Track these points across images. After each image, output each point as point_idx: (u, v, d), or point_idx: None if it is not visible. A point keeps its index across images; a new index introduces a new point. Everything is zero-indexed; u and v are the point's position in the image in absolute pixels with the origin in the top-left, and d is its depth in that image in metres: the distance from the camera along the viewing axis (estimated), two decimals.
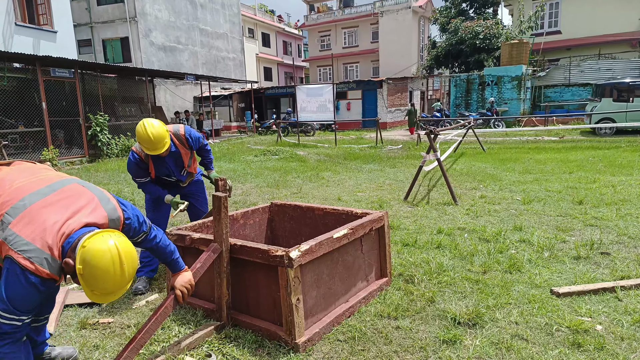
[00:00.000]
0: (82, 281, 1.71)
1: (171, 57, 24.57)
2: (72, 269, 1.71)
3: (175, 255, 2.36)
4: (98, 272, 1.68)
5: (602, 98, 14.67)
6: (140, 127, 3.19)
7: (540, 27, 24.48)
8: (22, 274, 1.67)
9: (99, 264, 1.67)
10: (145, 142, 3.20)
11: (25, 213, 1.75)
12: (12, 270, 1.68)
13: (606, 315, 2.72)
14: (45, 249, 1.70)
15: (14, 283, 1.68)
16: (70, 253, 1.72)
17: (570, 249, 3.94)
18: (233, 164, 11.08)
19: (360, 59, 39.26)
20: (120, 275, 1.72)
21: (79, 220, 1.80)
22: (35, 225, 1.73)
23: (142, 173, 3.47)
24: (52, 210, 1.78)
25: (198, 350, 2.50)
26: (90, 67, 14.74)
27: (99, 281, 1.70)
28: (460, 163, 9.86)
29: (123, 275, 1.73)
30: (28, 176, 1.94)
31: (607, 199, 5.70)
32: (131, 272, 1.77)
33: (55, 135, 13.27)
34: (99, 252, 1.68)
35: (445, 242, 4.24)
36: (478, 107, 21.79)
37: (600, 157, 9.63)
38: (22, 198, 1.79)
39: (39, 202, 1.79)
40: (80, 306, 3.17)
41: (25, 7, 16.08)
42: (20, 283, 1.68)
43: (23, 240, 1.69)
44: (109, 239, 1.73)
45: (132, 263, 1.76)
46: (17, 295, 1.69)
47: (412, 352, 2.42)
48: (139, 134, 3.20)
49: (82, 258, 1.68)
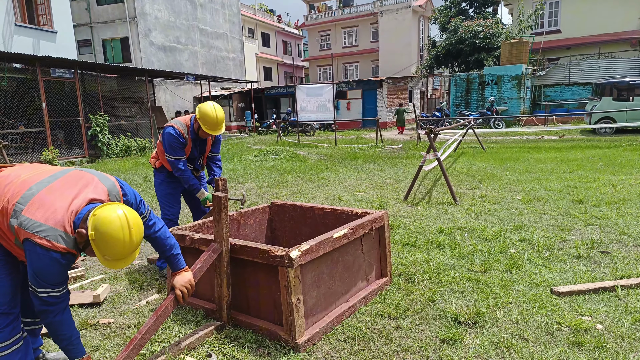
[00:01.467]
0: (94, 247, 1.88)
1: (171, 57, 24.57)
2: (84, 237, 1.88)
3: (175, 251, 2.38)
4: (108, 237, 1.85)
5: (602, 97, 14.66)
6: (208, 107, 3.44)
7: (540, 26, 24.47)
8: (42, 252, 1.84)
9: (109, 229, 1.84)
10: (209, 119, 3.43)
11: (35, 199, 1.91)
12: (33, 250, 1.84)
13: (606, 315, 2.72)
14: (58, 226, 1.86)
15: (37, 261, 1.85)
16: (81, 224, 1.90)
17: (570, 248, 3.94)
18: (233, 164, 11.08)
19: (360, 59, 39.24)
20: (129, 240, 1.89)
21: (84, 197, 1.98)
22: (45, 208, 1.89)
23: (180, 151, 3.57)
24: (58, 194, 1.96)
25: (198, 350, 2.50)
26: (90, 67, 14.73)
27: (110, 246, 1.87)
28: (460, 162, 9.86)
29: (132, 240, 1.90)
30: (32, 170, 2.09)
31: (607, 198, 5.70)
32: (139, 238, 1.95)
33: (56, 135, 13.27)
34: (108, 218, 1.86)
35: (446, 241, 4.24)
36: (478, 107, 21.78)
37: (600, 156, 9.62)
38: (29, 187, 1.95)
39: (45, 189, 1.96)
40: (81, 306, 3.17)
41: (25, 7, 16.08)
42: (42, 260, 1.85)
43: (37, 222, 1.85)
44: (118, 208, 1.92)
45: (138, 229, 1.95)
46: (44, 271, 1.86)
47: (413, 351, 2.42)
48: (207, 112, 3.42)
49: (93, 225, 1.85)
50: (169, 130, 3.55)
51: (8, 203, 1.91)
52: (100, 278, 3.75)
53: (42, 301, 1.91)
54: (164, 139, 3.56)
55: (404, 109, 20.85)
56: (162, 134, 3.60)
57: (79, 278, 3.74)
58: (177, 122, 3.62)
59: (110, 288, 3.47)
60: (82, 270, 3.83)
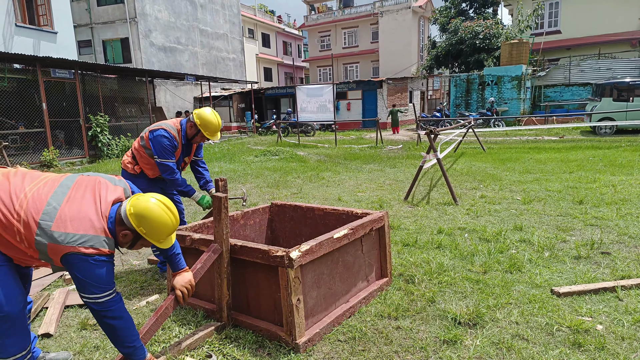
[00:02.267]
0: (147, 238, 2.04)
1: (171, 57, 24.58)
2: (130, 236, 2.02)
3: (176, 250, 2.39)
4: (155, 223, 2.02)
5: (602, 98, 14.67)
6: (209, 113, 3.46)
7: (540, 26, 24.49)
8: (92, 261, 1.90)
9: (153, 215, 2.01)
10: (212, 126, 3.45)
11: (60, 214, 1.91)
12: (83, 261, 1.89)
13: (607, 315, 2.71)
14: (99, 233, 1.94)
15: (89, 271, 1.90)
16: (119, 227, 2.01)
17: (570, 248, 3.94)
18: (233, 165, 11.08)
19: (360, 59, 39.27)
20: (174, 219, 2.10)
21: (106, 200, 2.05)
22: (78, 219, 1.92)
23: (172, 155, 3.49)
24: (80, 202, 1.98)
25: (198, 350, 2.50)
26: (91, 67, 14.75)
27: (160, 229, 2.04)
28: (460, 163, 9.87)
29: (175, 217, 2.11)
30: (31, 180, 2.03)
31: (608, 198, 5.70)
32: (177, 213, 2.14)
33: (56, 136, 13.28)
34: (147, 207, 2.01)
35: (446, 242, 4.24)
36: (478, 107, 21.79)
37: (601, 156, 9.62)
38: (47, 202, 1.93)
39: (64, 201, 1.96)
40: (81, 307, 3.17)
41: (26, 7, 16.09)
42: (95, 269, 1.91)
43: (76, 235, 1.89)
44: (148, 196, 2.07)
45: (173, 206, 2.12)
46: (98, 278, 1.92)
47: (413, 352, 2.42)
48: (209, 119, 3.43)
49: (137, 219, 1.99)
50: (162, 133, 3.41)
51: (28, 219, 1.87)
52: None
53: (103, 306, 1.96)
54: (156, 142, 3.40)
55: (398, 109, 20.88)
56: (153, 137, 3.42)
57: None
58: (168, 125, 3.48)
59: None
60: None
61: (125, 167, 3.64)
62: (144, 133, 3.57)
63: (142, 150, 3.54)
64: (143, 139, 3.54)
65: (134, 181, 3.55)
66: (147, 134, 3.51)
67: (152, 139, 3.43)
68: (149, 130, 3.53)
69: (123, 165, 3.67)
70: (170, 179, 3.51)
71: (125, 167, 3.64)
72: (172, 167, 3.48)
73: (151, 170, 3.58)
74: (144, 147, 3.53)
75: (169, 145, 3.42)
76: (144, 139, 3.53)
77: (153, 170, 3.58)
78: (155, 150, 3.43)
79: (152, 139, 3.43)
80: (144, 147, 3.53)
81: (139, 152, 3.57)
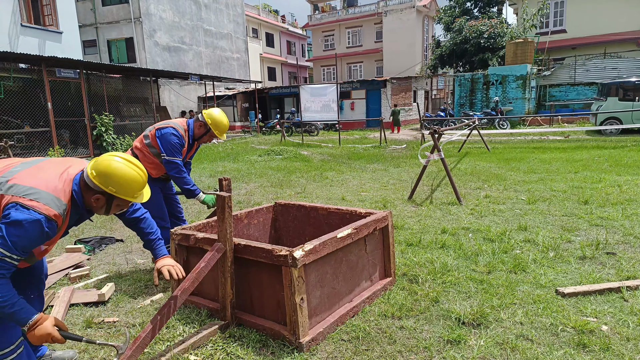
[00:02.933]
0: (119, 196, 1.98)
1: (175, 57, 24.65)
2: (102, 199, 1.99)
3: (155, 235, 2.40)
4: (122, 179, 1.96)
5: (607, 97, 14.58)
6: (219, 113, 3.56)
7: (545, 25, 24.37)
8: (27, 214, 1.76)
9: (118, 172, 1.96)
10: (222, 125, 3.56)
11: (22, 173, 1.91)
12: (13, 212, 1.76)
13: (612, 316, 2.70)
14: (50, 191, 1.86)
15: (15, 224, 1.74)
16: (88, 193, 1.98)
17: (575, 249, 3.92)
18: (237, 164, 11.10)
19: (364, 59, 39.21)
20: (140, 170, 2.06)
21: (75, 169, 2.04)
22: (35, 177, 1.89)
23: (180, 153, 3.52)
24: (48, 169, 1.98)
25: (202, 349, 2.50)
26: (96, 67, 14.82)
27: (129, 184, 1.99)
28: (464, 163, 9.84)
29: (141, 168, 2.07)
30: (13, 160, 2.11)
31: (613, 198, 5.67)
32: (141, 165, 2.09)
33: (61, 135, 13.36)
34: (110, 165, 1.96)
35: (450, 241, 4.22)
36: (482, 107, 21.71)
37: (606, 156, 9.56)
38: (14, 166, 1.97)
39: (28, 169, 1.96)
40: (86, 305, 3.18)
41: (31, 7, 16.18)
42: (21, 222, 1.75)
43: (26, 187, 1.83)
44: (106, 156, 2.02)
45: (135, 160, 2.08)
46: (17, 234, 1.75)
47: (416, 352, 2.41)
48: (220, 119, 3.54)
49: (102, 179, 1.94)
50: (172, 131, 3.43)
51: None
52: (105, 277, 3.77)
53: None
54: (165, 140, 3.41)
55: (399, 109, 20.85)
56: (161, 135, 3.43)
57: (84, 277, 3.76)
58: (176, 124, 3.52)
59: (115, 287, 3.48)
60: (87, 269, 3.85)
61: None
62: (148, 132, 3.56)
63: (146, 149, 3.53)
64: (148, 137, 3.53)
65: None
66: (154, 132, 3.50)
67: (160, 137, 3.44)
68: (155, 128, 3.53)
69: None
70: (178, 176, 3.51)
71: None
72: (180, 165, 3.50)
73: (154, 170, 3.57)
74: (148, 145, 3.52)
75: (177, 143, 3.45)
76: (149, 137, 3.52)
77: (157, 169, 3.58)
78: (163, 148, 3.43)
79: (160, 137, 3.44)
80: (148, 146, 3.52)
81: (141, 151, 3.55)
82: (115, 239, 4.84)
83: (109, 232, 5.19)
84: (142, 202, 2.22)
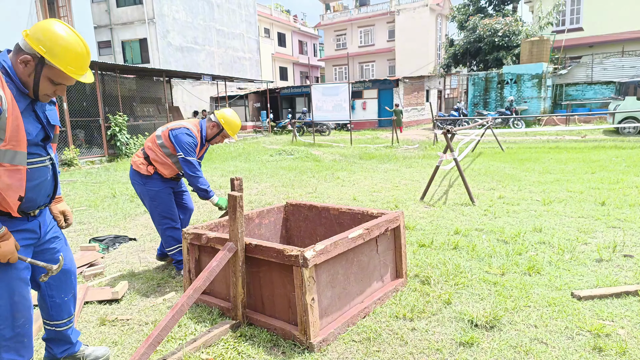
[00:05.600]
0: (51, 60, 1.76)
1: (188, 57, 24.87)
2: (32, 63, 1.77)
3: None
4: (58, 39, 1.76)
5: (625, 96, 14.29)
6: (232, 114, 3.65)
7: (561, 23, 23.97)
8: None
9: (54, 30, 1.76)
10: (235, 125, 3.64)
11: None
12: None
13: (629, 319, 2.64)
14: None
15: None
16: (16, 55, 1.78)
17: (592, 251, 3.84)
18: (249, 164, 11.15)
19: (377, 58, 39.06)
20: (81, 41, 1.83)
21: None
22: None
23: (195, 153, 3.58)
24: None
25: (214, 348, 2.52)
26: (110, 68, 15.01)
27: (66, 46, 1.77)
28: (478, 163, 9.73)
29: (84, 41, 1.85)
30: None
31: (631, 200, 5.54)
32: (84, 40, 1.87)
33: (76, 135, 13.58)
34: (47, 23, 1.77)
35: (463, 243, 4.18)
36: (497, 106, 21.45)
37: (624, 157, 9.37)
38: None
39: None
40: (100, 303, 3.23)
41: (47, 9, 16.49)
42: None
43: None
44: (54, 21, 1.82)
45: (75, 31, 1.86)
46: None
47: (428, 354, 2.39)
48: (233, 119, 3.63)
49: (35, 38, 1.74)
50: (186, 132, 3.48)
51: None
52: (119, 275, 3.81)
53: None
54: (179, 140, 3.45)
55: (401, 109, 20.73)
56: (175, 135, 3.47)
57: (98, 275, 3.82)
58: (190, 125, 3.57)
59: (128, 285, 3.53)
60: (101, 267, 3.90)
61: (137, 169, 3.59)
62: (160, 132, 3.60)
63: (158, 149, 3.56)
64: (160, 137, 3.56)
65: (147, 183, 3.58)
66: (167, 132, 3.54)
67: (175, 137, 3.48)
68: (168, 129, 3.56)
69: (135, 167, 3.62)
70: (194, 176, 3.51)
71: (137, 169, 3.59)
72: (196, 165, 3.54)
73: (167, 170, 3.60)
74: (161, 146, 3.54)
75: (192, 143, 3.51)
76: (162, 138, 3.55)
77: (169, 169, 3.60)
78: (179, 148, 3.47)
79: (175, 137, 3.48)
80: (161, 146, 3.55)
81: (154, 151, 3.57)
82: (128, 238, 4.90)
83: (123, 231, 5.26)
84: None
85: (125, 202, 6.84)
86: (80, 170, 11.38)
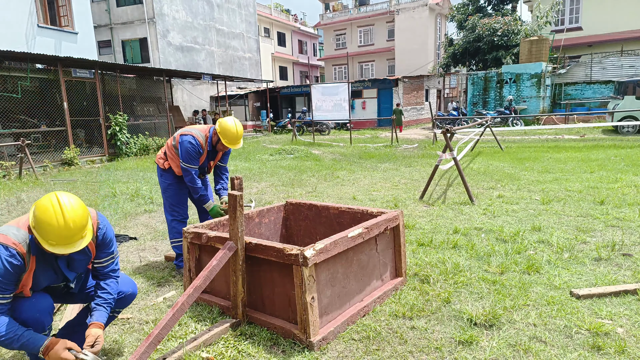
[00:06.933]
0: (36, 235, 1.93)
1: (188, 57, 24.85)
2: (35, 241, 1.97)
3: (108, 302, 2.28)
4: (43, 223, 1.90)
5: (624, 95, 14.30)
6: (229, 122, 3.57)
7: (560, 23, 23.98)
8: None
9: (43, 215, 1.90)
10: (230, 134, 3.57)
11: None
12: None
13: (627, 318, 2.65)
14: (12, 223, 2.04)
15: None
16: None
17: (590, 250, 3.85)
18: (248, 163, 11.16)
19: (376, 58, 39.06)
20: (63, 224, 1.90)
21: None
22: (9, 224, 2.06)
23: (196, 161, 3.67)
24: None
25: (214, 346, 2.53)
26: (110, 67, 15.01)
27: (47, 231, 1.90)
28: (477, 162, 9.74)
29: (67, 223, 1.91)
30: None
31: (630, 199, 5.56)
32: (76, 222, 1.94)
33: (77, 134, 13.59)
34: (42, 205, 1.92)
35: (462, 242, 4.19)
36: (496, 105, 21.47)
37: (623, 156, 9.38)
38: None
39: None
40: None
41: (47, 9, 16.47)
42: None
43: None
44: (54, 194, 1.96)
45: (75, 213, 1.94)
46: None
47: (428, 352, 2.40)
48: (228, 128, 3.56)
49: (32, 213, 1.95)
50: (189, 139, 3.61)
51: None
52: None
53: None
54: (182, 147, 3.61)
55: (401, 109, 20.74)
56: (181, 141, 3.63)
57: None
58: (197, 132, 3.69)
59: None
60: None
61: (157, 162, 3.91)
62: (177, 133, 3.79)
63: (173, 150, 3.78)
64: (175, 139, 3.76)
65: (162, 175, 3.85)
66: (178, 136, 3.73)
67: (181, 143, 3.65)
68: (180, 133, 3.75)
69: (157, 160, 3.93)
70: (190, 185, 3.72)
71: (157, 162, 3.91)
72: (192, 173, 3.68)
73: (178, 168, 3.79)
74: (174, 147, 3.75)
75: (192, 151, 3.61)
76: (175, 140, 3.76)
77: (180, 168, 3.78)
78: (181, 154, 3.65)
79: (181, 143, 3.65)
80: (174, 148, 3.76)
81: (170, 150, 3.81)
82: (129, 237, 4.91)
83: (123, 230, 5.26)
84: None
85: (126, 202, 6.85)
86: (80, 170, 11.38)
